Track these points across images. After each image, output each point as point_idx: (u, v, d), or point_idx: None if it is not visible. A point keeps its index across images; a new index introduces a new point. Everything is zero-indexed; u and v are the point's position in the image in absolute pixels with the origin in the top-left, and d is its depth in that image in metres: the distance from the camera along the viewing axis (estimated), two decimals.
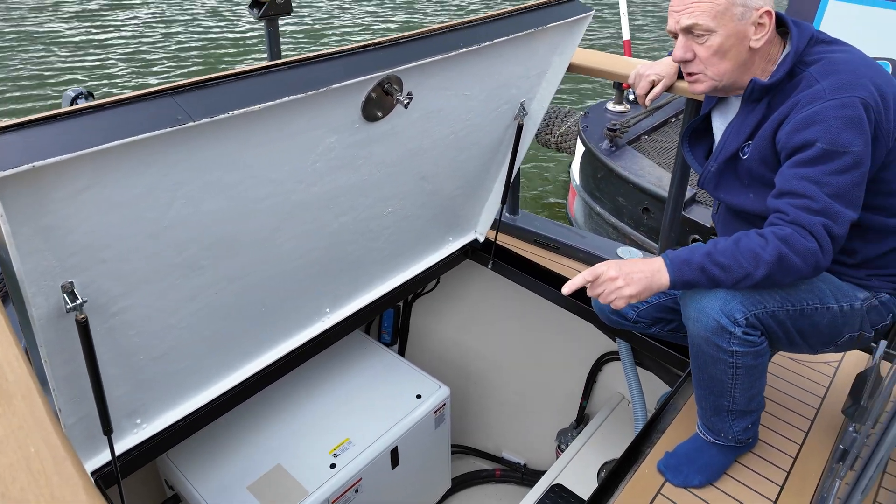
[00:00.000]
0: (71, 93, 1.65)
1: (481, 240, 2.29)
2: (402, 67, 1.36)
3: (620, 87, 4.68)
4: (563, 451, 2.14)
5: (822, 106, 1.25)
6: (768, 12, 1.34)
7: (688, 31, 1.36)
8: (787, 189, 1.27)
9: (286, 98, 1.16)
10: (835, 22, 2.73)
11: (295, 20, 10.38)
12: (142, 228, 1.17)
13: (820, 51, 1.34)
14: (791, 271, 1.25)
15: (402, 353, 2.69)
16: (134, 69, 8.36)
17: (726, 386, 1.40)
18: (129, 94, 1.03)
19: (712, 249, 1.28)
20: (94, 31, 9.65)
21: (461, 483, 2.55)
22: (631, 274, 1.30)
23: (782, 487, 1.54)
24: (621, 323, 1.71)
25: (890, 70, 2.68)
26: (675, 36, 1.41)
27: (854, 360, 1.95)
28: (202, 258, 1.33)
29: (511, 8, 1.64)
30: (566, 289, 1.33)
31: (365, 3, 11.75)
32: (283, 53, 1.90)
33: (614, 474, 1.56)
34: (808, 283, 1.38)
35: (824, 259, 1.25)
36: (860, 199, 1.27)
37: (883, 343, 1.44)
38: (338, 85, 1.24)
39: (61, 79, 7.98)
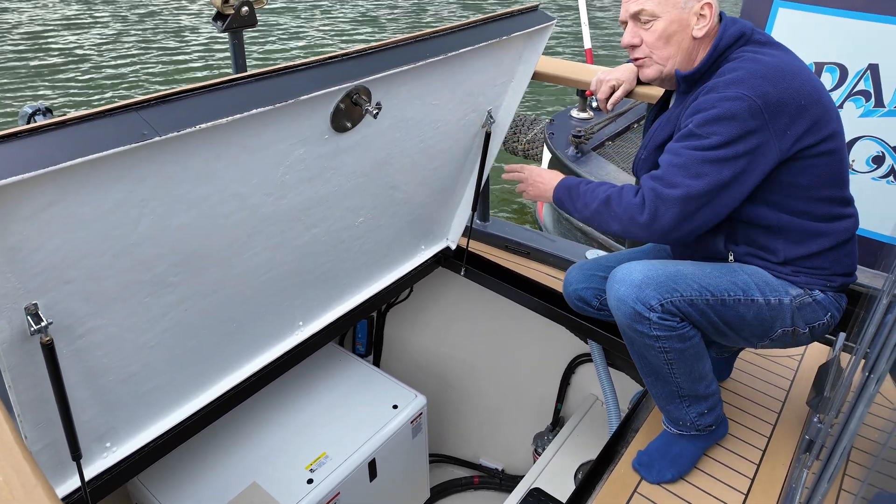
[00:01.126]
0: (28, 109, 1.60)
1: (453, 247, 2.30)
2: (371, 78, 1.36)
3: (584, 95, 4.76)
4: (539, 455, 2.15)
5: (710, 97, 1.34)
6: (709, 4, 1.42)
7: (635, 17, 1.46)
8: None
9: (254, 111, 1.16)
10: (785, 28, 2.84)
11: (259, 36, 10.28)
12: (108, 246, 1.14)
13: (747, 49, 1.40)
14: (612, 215, 1.41)
15: (376, 363, 2.67)
16: (93, 88, 8.15)
17: (664, 371, 1.45)
18: (92, 109, 1.01)
19: (586, 183, 1.51)
20: (48, 51, 9.38)
21: (440, 492, 2.54)
22: (536, 182, 1.62)
23: (753, 480, 1.58)
24: (585, 309, 1.77)
25: (838, 74, 2.80)
26: (625, 24, 1.50)
27: (816, 353, 2.01)
28: (171, 275, 1.31)
29: (476, 18, 1.66)
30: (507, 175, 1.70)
31: (328, 20, 11.71)
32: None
33: (591, 475, 1.58)
34: (731, 275, 1.43)
35: (641, 216, 1.35)
36: (712, 176, 1.31)
37: (842, 335, 1.50)
38: (306, 97, 1.24)
39: (17, 97, 7.73)
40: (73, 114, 0.99)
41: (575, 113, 4.82)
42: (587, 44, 5.36)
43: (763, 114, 1.30)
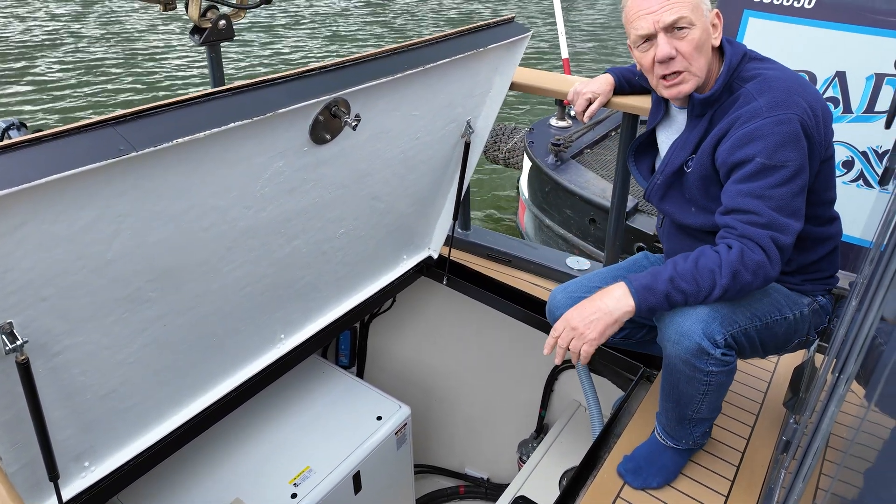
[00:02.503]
0: (2, 123, 1.58)
1: (435, 256, 2.31)
2: (349, 90, 1.37)
3: (562, 104, 4.82)
4: (524, 463, 2.16)
5: (760, 123, 1.30)
6: (718, 14, 1.41)
7: (670, 27, 1.35)
8: (733, 206, 1.32)
9: (232, 124, 1.16)
10: (756, 37, 2.91)
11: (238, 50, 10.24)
12: (85, 263, 1.13)
13: (754, 67, 1.40)
14: (744, 286, 1.29)
15: (360, 374, 2.66)
16: (69, 104, 8.03)
17: (695, 400, 1.44)
18: (68, 125, 1.01)
19: (674, 274, 1.31)
20: (23, 69, 9.23)
21: (426, 503, 2.53)
22: (588, 317, 1.33)
23: (733, 481, 1.60)
24: None
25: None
26: (647, 39, 1.39)
27: (792, 355, 2.05)
28: (149, 290, 1.29)
29: (453, 30, 1.68)
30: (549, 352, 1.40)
31: (301, 34, 11.70)
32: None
33: (575, 481, 1.59)
34: (768, 297, 1.43)
35: (773, 270, 1.29)
36: (802, 209, 1.32)
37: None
38: (284, 109, 1.24)
39: None
40: (48, 129, 0.99)
41: (554, 121, 4.87)
42: (564, 53, 5.44)
43: (810, 129, 1.31)
